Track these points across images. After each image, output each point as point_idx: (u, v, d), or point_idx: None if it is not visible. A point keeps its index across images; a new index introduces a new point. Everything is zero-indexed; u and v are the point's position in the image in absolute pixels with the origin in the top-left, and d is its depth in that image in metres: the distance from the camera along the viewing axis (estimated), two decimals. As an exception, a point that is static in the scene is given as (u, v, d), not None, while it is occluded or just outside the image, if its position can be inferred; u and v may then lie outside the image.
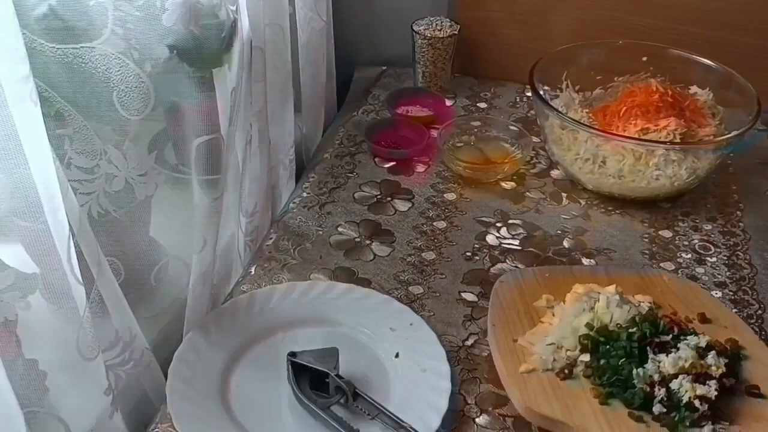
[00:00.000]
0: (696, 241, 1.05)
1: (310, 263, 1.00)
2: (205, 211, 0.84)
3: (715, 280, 0.99)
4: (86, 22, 0.68)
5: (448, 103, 1.35)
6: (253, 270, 0.99)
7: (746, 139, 1.07)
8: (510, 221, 1.08)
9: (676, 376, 0.78)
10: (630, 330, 0.83)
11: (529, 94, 1.29)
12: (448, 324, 0.91)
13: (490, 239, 1.05)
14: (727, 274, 1.00)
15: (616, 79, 1.21)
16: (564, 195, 1.14)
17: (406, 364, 0.84)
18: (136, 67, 0.72)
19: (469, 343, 0.89)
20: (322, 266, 1.00)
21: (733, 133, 1.05)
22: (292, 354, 0.82)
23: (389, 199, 1.12)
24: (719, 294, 0.96)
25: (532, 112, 1.32)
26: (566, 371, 0.81)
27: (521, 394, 0.79)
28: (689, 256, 1.03)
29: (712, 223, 1.09)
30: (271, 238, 1.05)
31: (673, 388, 0.77)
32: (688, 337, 0.82)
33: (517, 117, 1.31)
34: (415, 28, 1.33)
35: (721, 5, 1.25)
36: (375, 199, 1.12)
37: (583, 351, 0.83)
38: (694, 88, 1.18)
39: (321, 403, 0.78)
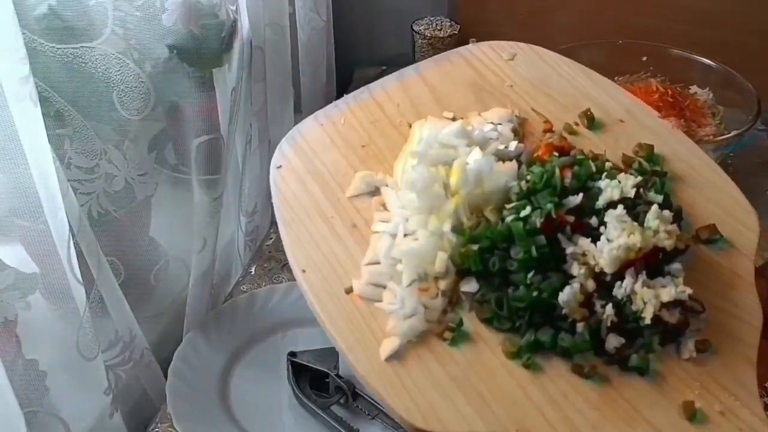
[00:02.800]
0: (696, 241, 1.04)
1: (310, 263, 1.00)
2: (205, 211, 0.84)
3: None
4: (86, 22, 0.68)
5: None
6: (253, 270, 0.99)
7: (746, 139, 1.07)
8: (510, 221, 1.07)
9: (618, 275, 0.51)
10: (522, 213, 0.53)
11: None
12: (448, 324, 0.90)
13: (490, 239, 1.04)
14: (727, 273, 0.99)
15: (616, 78, 1.21)
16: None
17: (406, 364, 0.84)
18: (136, 67, 0.72)
19: (469, 343, 0.88)
20: (322, 266, 0.99)
21: (733, 133, 1.05)
22: (292, 354, 0.82)
23: (389, 199, 1.11)
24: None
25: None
26: (451, 325, 0.51)
27: (404, 406, 0.47)
28: (689, 256, 1.02)
29: (712, 223, 1.08)
30: (271, 238, 1.04)
31: (619, 296, 0.51)
32: (602, 184, 0.55)
33: (517, 117, 1.30)
34: (415, 28, 1.33)
35: (721, 5, 1.25)
36: (375, 199, 1.11)
37: (461, 274, 0.54)
38: (694, 88, 1.18)
39: (321, 403, 0.78)
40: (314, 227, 0.57)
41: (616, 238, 0.52)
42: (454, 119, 0.63)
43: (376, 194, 0.60)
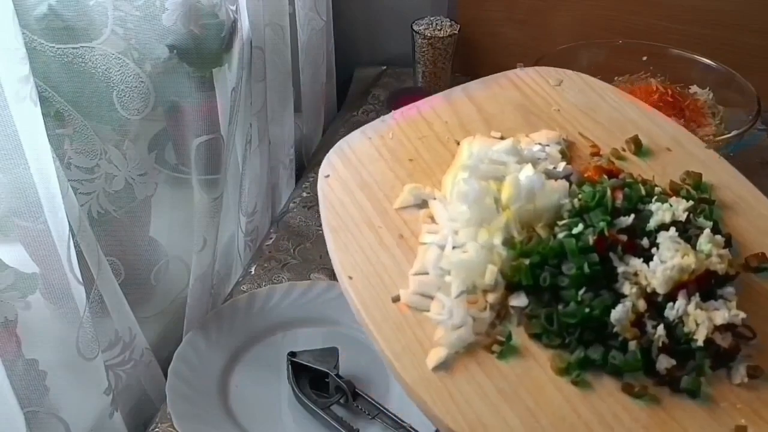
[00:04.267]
0: (696, 240, 1.04)
1: (310, 263, 1.00)
2: (205, 211, 0.84)
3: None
4: (86, 22, 0.68)
5: (448, 102, 1.35)
6: (253, 270, 0.99)
7: (746, 139, 1.07)
8: (510, 221, 1.07)
9: (670, 296, 0.51)
10: (574, 230, 0.53)
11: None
12: (448, 324, 0.90)
13: (490, 239, 1.04)
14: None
15: (616, 78, 1.21)
16: (564, 195, 1.12)
17: (406, 363, 0.84)
18: (136, 67, 0.72)
19: (469, 342, 0.88)
20: (322, 266, 0.99)
21: (733, 133, 1.05)
22: (292, 354, 0.82)
23: (389, 198, 1.12)
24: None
25: (532, 111, 1.31)
26: (499, 338, 0.51)
27: (451, 417, 0.48)
28: (689, 255, 1.02)
29: (712, 223, 1.08)
30: (271, 238, 1.04)
31: (670, 317, 0.50)
32: (653, 207, 0.56)
33: (517, 117, 1.30)
34: (415, 28, 1.33)
35: (721, 5, 1.25)
36: (375, 199, 1.12)
37: (510, 288, 0.54)
38: (694, 88, 1.18)
39: (321, 403, 0.78)
40: (361, 236, 0.57)
41: (670, 258, 0.52)
42: (502, 138, 0.64)
43: (423, 207, 0.60)
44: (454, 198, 0.58)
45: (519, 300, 0.53)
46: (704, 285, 0.52)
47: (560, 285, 0.52)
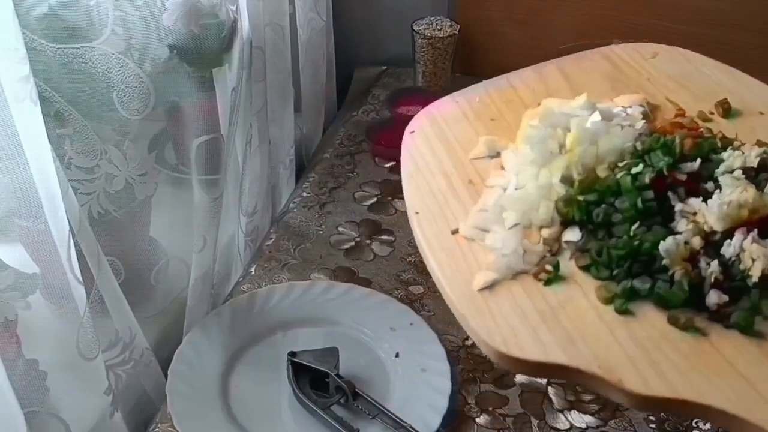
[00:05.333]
0: (696, 240, 1.04)
1: (310, 263, 1.00)
2: (205, 211, 0.84)
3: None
4: (86, 22, 0.68)
5: (448, 102, 1.35)
6: (253, 270, 0.99)
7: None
8: (510, 221, 1.07)
9: (728, 233, 0.49)
10: (633, 170, 0.54)
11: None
12: (448, 324, 0.91)
13: (490, 239, 1.04)
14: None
15: (616, 78, 1.21)
16: (564, 195, 1.12)
17: (406, 363, 0.84)
18: (136, 67, 0.72)
19: (469, 342, 0.89)
20: (322, 266, 0.99)
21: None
22: (292, 354, 0.82)
23: (389, 198, 1.12)
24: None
25: (532, 111, 1.31)
26: (548, 268, 0.52)
27: (485, 328, 0.48)
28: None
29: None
30: (271, 238, 1.05)
31: (727, 255, 0.49)
32: (724, 155, 0.54)
33: (517, 117, 1.30)
34: (415, 28, 1.33)
35: (721, 5, 1.25)
36: (375, 199, 1.12)
37: (566, 224, 0.55)
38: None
39: (321, 403, 0.78)
40: (433, 180, 0.61)
41: (728, 194, 0.50)
42: None
43: (497, 158, 0.63)
44: (520, 141, 0.61)
45: (572, 234, 0.54)
46: (765, 227, 0.50)
47: (614, 221, 0.52)
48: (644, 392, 0.44)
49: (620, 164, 0.56)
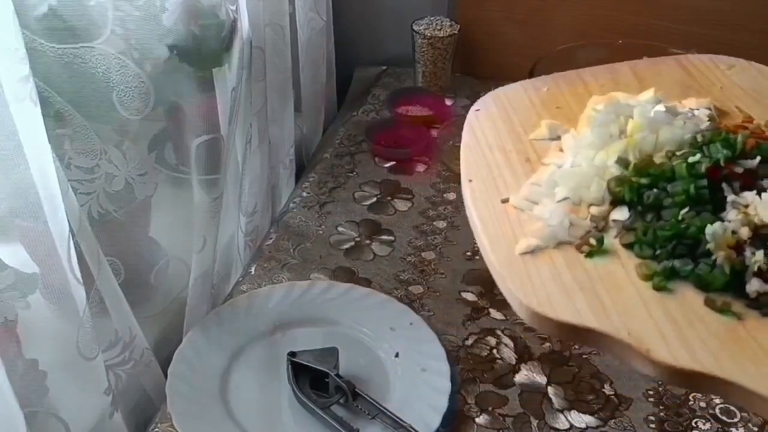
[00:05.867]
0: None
1: (310, 263, 1.00)
2: (205, 211, 0.84)
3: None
4: (86, 22, 0.68)
5: (448, 102, 1.35)
6: (253, 270, 0.99)
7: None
8: (510, 221, 1.07)
9: None
10: (690, 158, 0.54)
11: (529, 93, 1.28)
12: (448, 324, 0.91)
13: (490, 239, 1.04)
14: (727, 273, 0.99)
15: (616, 78, 1.21)
16: (564, 195, 1.13)
17: (406, 363, 0.84)
18: (136, 67, 0.72)
19: (469, 342, 0.89)
20: (322, 266, 0.99)
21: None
22: (292, 354, 0.82)
23: (389, 198, 1.12)
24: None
25: (532, 111, 1.31)
26: (592, 241, 0.53)
27: (522, 289, 0.50)
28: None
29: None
30: (271, 238, 1.05)
31: None
32: None
33: (517, 117, 1.30)
34: (415, 28, 1.33)
35: (721, 5, 1.25)
36: (375, 199, 1.12)
37: (615, 203, 0.56)
38: (694, 88, 1.18)
39: (321, 403, 0.78)
40: (491, 155, 0.62)
41: None
42: None
43: (557, 141, 0.63)
44: (582, 124, 0.62)
45: (620, 213, 0.54)
46: None
47: (664, 205, 0.53)
48: (671, 363, 0.44)
49: (678, 153, 0.56)
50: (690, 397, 0.82)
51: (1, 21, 0.55)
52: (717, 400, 0.82)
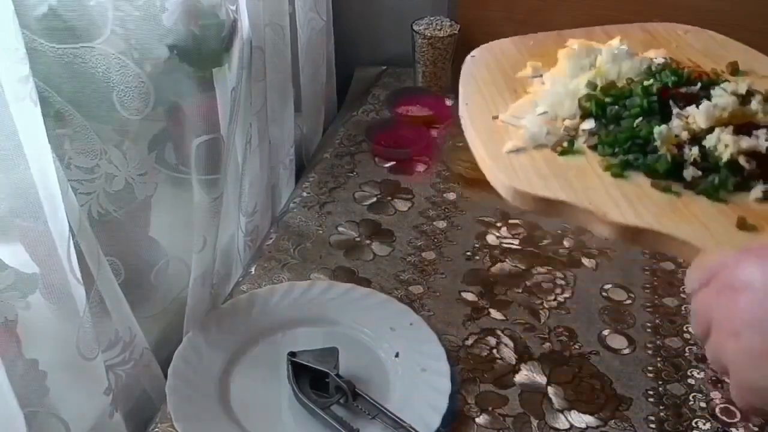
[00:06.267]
0: (696, 240, 1.05)
1: (310, 263, 1.00)
2: (205, 211, 0.84)
3: (715, 279, 0.98)
4: (86, 22, 0.68)
5: (448, 102, 1.35)
6: (253, 270, 0.99)
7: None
8: (510, 221, 1.08)
9: (711, 130, 0.62)
10: (645, 82, 0.68)
11: (529, 93, 1.28)
12: (448, 324, 0.91)
13: (491, 239, 1.05)
14: (727, 273, 0.99)
15: (616, 78, 1.21)
16: (564, 195, 1.13)
17: (406, 363, 0.84)
18: (136, 67, 0.72)
19: (469, 342, 0.89)
20: (322, 266, 1.00)
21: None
22: (292, 354, 0.82)
23: (389, 198, 1.12)
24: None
25: (532, 111, 1.32)
26: (564, 144, 0.66)
27: (507, 176, 0.63)
28: (689, 255, 1.02)
29: (712, 223, 1.08)
30: (271, 238, 1.05)
31: (708, 145, 0.61)
32: (722, 84, 0.67)
33: (517, 117, 1.31)
34: (415, 27, 1.33)
35: (721, 5, 1.25)
36: (375, 199, 1.12)
37: (585, 117, 0.68)
38: (694, 88, 1.19)
39: (321, 403, 0.78)
40: (485, 87, 0.75)
41: (715, 99, 0.64)
42: None
43: (539, 78, 0.76)
44: (560, 59, 0.76)
45: (588, 124, 0.67)
46: (743, 129, 0.62)
47: (623, 117, 0.66)
48: (622, 222, 0.57)
49: (636, 79, 0.70)
50: (690, 397, 0.82)
51: (1, 21, 0.55)
52: (717, 400, 0.82)
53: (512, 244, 1.04)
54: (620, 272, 0.99)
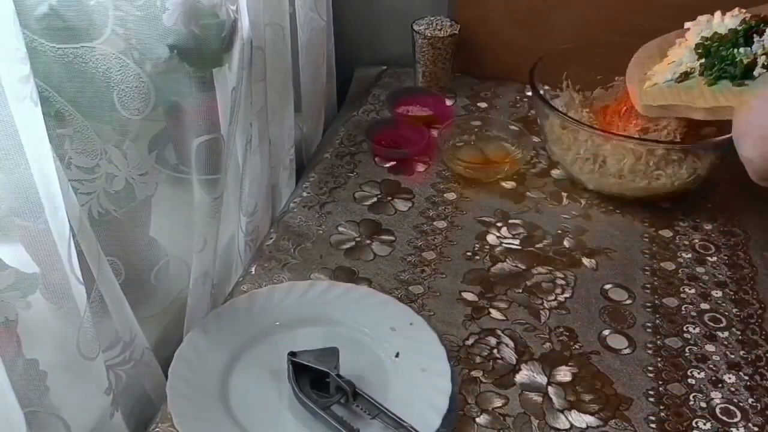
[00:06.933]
0: (696, 240, 1.05)
1: (311, 263, 1.00)
2: (205, 211, 0.84)
3: (716, 279, 0.99)
4: (87, 22, 0.68)
5: (448, 102, 1.35)
6: (253, 270, 0.99)
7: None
8: (510, 221, 1.08)
9: None
10: (738, 27, 0.97)
11: (530, 93, 1.29)
12: (448, 324, 0.91)
13: (491, 239, 1.05)
14: (728, 273, 1.00)
15: (616, 78, 1.21)
16: (564, 195, 1.14)
17: (407, 363, 0.84)
18: (137, 67, 0.72)
19: (469, 342, 0.89)
20: (322, 266, 1.00)
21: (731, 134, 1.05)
22: (292, 354, 0.82)
23: (389, 198, 1.12)
24: (719, 293, 0.96)
25: (533, 111, 1.32)
26: (683, 74, 0.99)
27: (640, 97, 1.02)
28: (689, 255, 1.03)
29: (712, 223, 1.09)
30: (271, 238, 1.05)
31: None
32: None
33: (518, 117, 1.31)
34: (415, 27, 1.33)
35: (721, 5, 1.25)
36: (375, 199, 1.12)
37: (699, 58, 0.99)
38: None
39: (321, 403, 0.78)
40: (641, 62, 1.12)
41: None
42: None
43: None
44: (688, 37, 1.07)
45: (700, 62, 0.99)
46: None
47: (720, 52, 0.97)
48: (704, 105, 0.96)
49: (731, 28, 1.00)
50: (690, 397, 0.82)
51: (1, 21, 0.55)
52: (717, 400, 0.82)
53: (512, 244, 1.04)
54: (620, 272, 0.99)
